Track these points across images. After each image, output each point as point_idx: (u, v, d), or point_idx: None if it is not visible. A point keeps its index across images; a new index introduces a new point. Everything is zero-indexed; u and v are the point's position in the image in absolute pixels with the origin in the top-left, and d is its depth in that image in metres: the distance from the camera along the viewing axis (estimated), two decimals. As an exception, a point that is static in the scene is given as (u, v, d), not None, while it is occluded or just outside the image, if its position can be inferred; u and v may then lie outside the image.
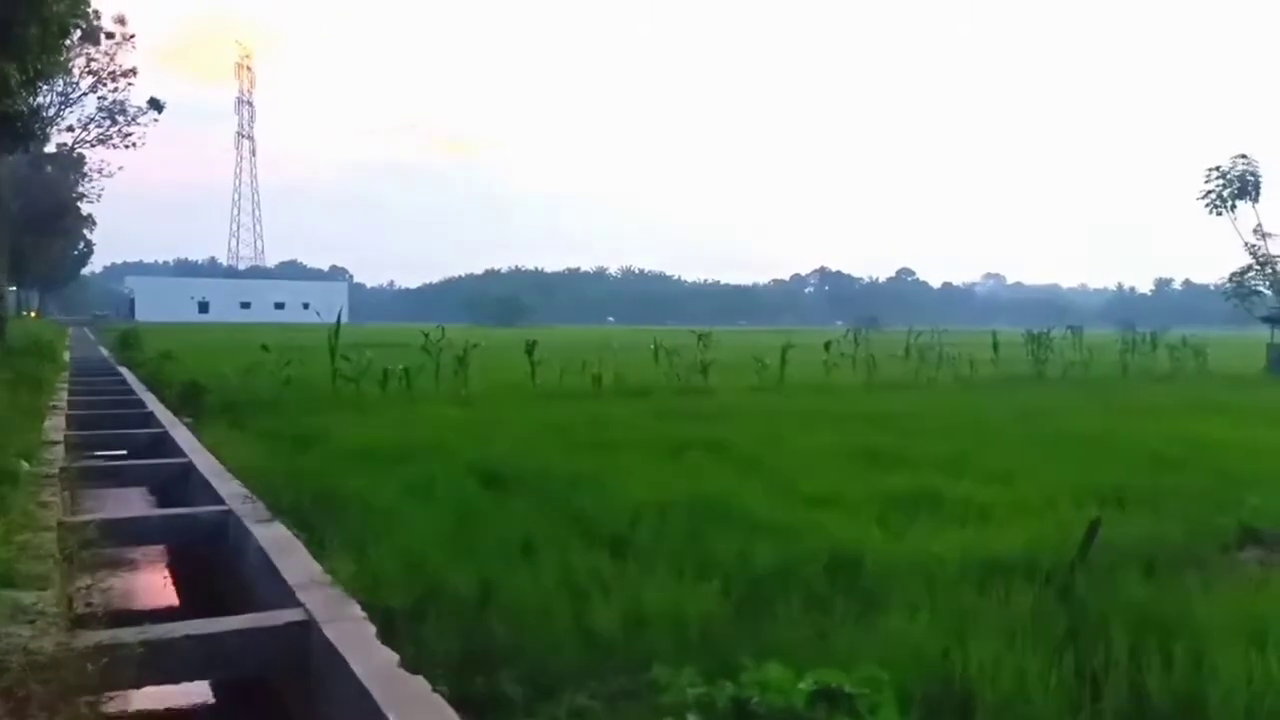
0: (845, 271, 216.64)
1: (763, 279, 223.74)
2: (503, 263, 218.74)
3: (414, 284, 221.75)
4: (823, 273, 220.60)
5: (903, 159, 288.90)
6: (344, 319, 23.80)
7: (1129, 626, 5.34)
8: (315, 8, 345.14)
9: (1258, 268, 36.15)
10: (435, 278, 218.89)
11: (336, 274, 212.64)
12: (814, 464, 11.74)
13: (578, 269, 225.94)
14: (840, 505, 9.26)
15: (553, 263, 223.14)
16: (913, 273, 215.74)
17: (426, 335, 23.48)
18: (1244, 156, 36.25)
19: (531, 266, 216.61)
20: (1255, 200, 35.85)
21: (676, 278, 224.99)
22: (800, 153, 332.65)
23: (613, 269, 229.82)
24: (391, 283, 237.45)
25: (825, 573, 6.79)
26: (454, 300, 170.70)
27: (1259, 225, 35.92)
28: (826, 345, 28.61)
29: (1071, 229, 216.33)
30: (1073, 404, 20.50)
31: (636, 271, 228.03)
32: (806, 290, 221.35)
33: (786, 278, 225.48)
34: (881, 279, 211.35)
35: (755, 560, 7.00)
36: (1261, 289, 36.36)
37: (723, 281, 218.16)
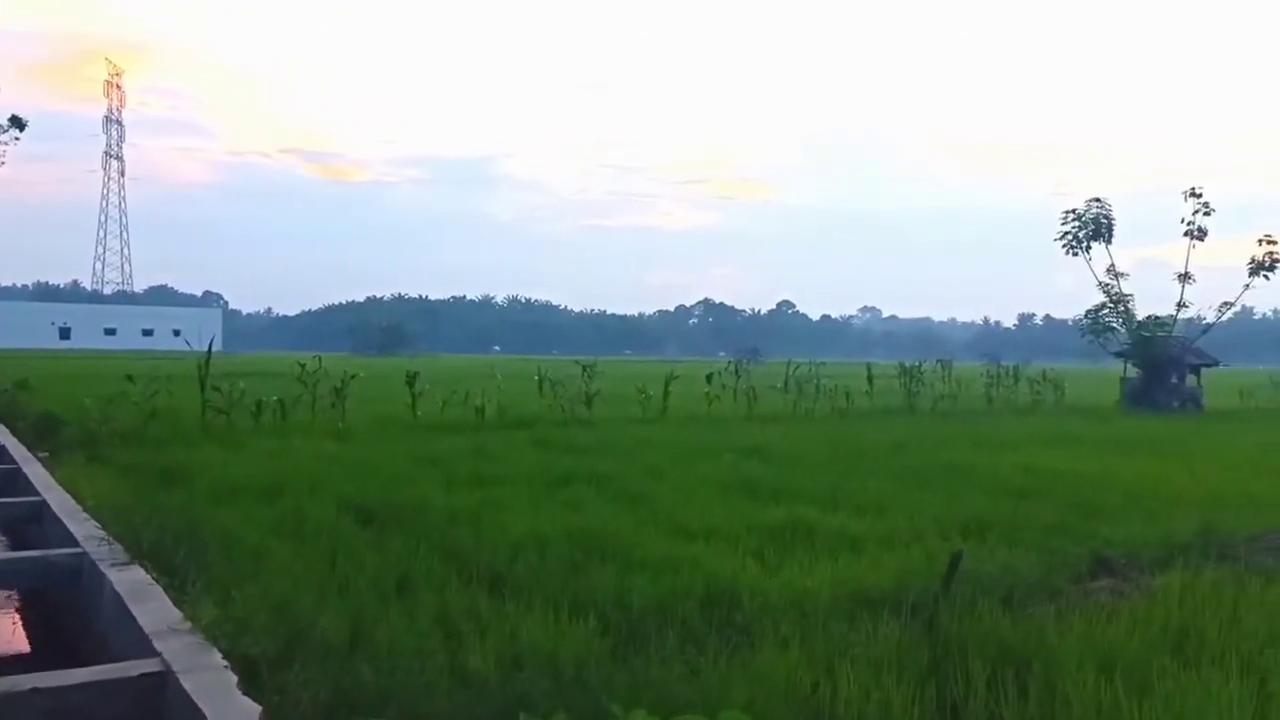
0: (728, 303, 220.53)
1: (648, 309, 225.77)
2: (385, 290, 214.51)
3: (293, 311, 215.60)
4: (706, 304, 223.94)
5: (783, 194, 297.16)
6: (217, 347, 22.95)
7: (988, 657, 5.56)
8: (192, 26, 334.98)
9: (1111, 305, 38.28)
10: (315, 305, 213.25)
11: (210, 300, 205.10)
12: (693, 497, 11.86)
13: (463, 297, 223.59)
14: (718, 539, 9.38)
15: (437, 291, 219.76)
16: (793, 305, 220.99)
17: (303, 366, 22.84)
18: (1098, 200, 38.50)
19: (415, 294, 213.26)
20: (1108, 242, 38.05)
21: (563, 307, 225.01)
22: (683, 186, 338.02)
23: (499, 297, 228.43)
24: (269, 310, 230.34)
25: (701, 608, 6.87)
26: (335, 328, 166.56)
27: (1112, 265, 38.13)
28: (708, 377, 28.98)
29: (942, 266, 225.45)
30: (941, 436, 21.26)
31: (523, 300, 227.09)
32: (691, 321, 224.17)
33: (671, 309, 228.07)
34: (763, 311, 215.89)
35: (633, 596, 7.03)
36: (1115, 326, 38.49)
37: (609, 311, 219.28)
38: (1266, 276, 37.02)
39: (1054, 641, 5.78)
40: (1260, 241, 37.34)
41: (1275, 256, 36.85)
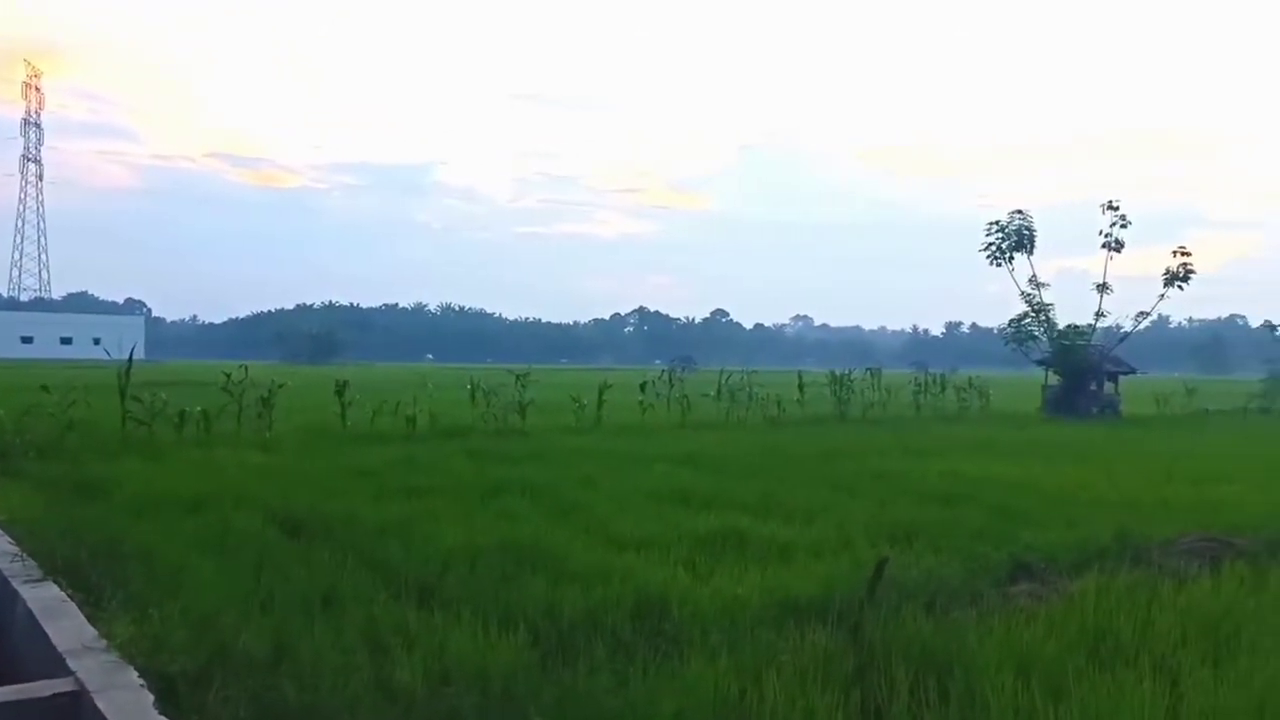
0: (663, 312, 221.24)
1: (584, 318, 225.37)
2: (315, 298, 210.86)
3: (219, 319, 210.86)
4: (642, 312, 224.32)
5: (718, 204, 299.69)
6: (139, 356, 22.31)
7: (912, 663, 5.67)
8: (117, 28, 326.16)
9: (1033, 314, 39.32)
10: (242, 313, 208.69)
11: (132, 308, 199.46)
12: (626, 506, 11.88)
13: (396, 305, 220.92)
14: (650, 548, 9.41)
15: (369, 298, 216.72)
16: (727, 314, 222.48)
17: (228, 375, 22.35)
18: (1020, 212, 39.56)
19: (346, 302, 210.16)
20: (1030, 252, 39.11)
21: (498, 315, 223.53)
22: (619, 195, 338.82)
23: (432, 305, 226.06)
24: (194, 317, 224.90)
25: (632, 618, 6.88)
26: (263, 336, 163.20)
27: (1033, 275, 39.18)
28: (642, 386, 29.05)
29: (873, 275, 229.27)
30: (871, 443, 21.59)
31: (456, 308, 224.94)
32: (626, 329, 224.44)
33: (607, 317, 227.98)
34: (698, 319, 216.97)
35: (563, 607, 7.01)
36: (1037, 334, 39.53)
37: (544, 319, 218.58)
38: (1180, 287, 38.35)
39: (974, 646, 5.91)
40: (1174, 253, 38.71)
41: (1188, 267, 38.21)
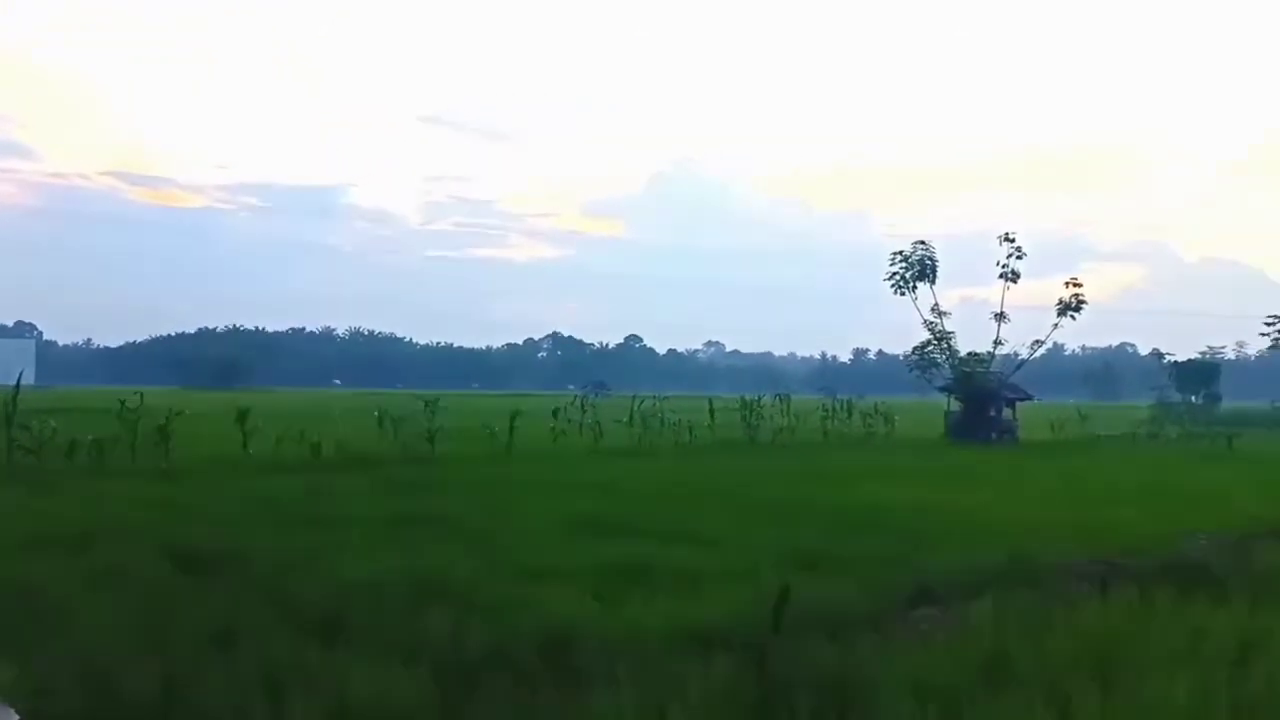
0: (577, 337, 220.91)
1: (496, 342, 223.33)
2: (218, 321, 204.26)
3: (115, 342, 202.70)
4: (555, 337, 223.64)
5: (631, 230, 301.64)
6: (27, 380, 21.42)
7: (814, 690, 5.75)
8: (13, 45, 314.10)
9: (935, 342, 40.51)
10: (140, 336, 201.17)
11: (22, 330, 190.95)
12: (536, 536, 11.82)
13: (303, 329, 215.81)
14: (559, 578, 9.36)
15: (275, 322, 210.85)
16: (640, 339, 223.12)
17: (123, 403, 21.58)
18: (923, 243, 40.81)
19: (252, 326, 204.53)
20: (933, 282, 40.35)
21: (408, 340, 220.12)
22: (532, 219, 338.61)
23: (341, 330, 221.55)
24: (89, 341, 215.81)
25: (538, 650, 6.83)
26: (163, 361, 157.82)
27: (936, 304, 40.40)
28: (555, 412, 28.98)
29: (783, 302, 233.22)
30: (780, 469, 21.90)
31: (366, 333, 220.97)
32: (540, 354, 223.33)
33: (520, 342, 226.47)
34: (611, 345, 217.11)
35: (469, 640, 6.93)
36: (939, 361, 40.69)
37: (456, 344, 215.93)
38: (1073, 316, 39.97)
39: (874, 672, 6.03)
40: (1067, 284, 40.34)
41: (1080, 298, 39.85)
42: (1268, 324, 79.35)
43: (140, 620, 7.40)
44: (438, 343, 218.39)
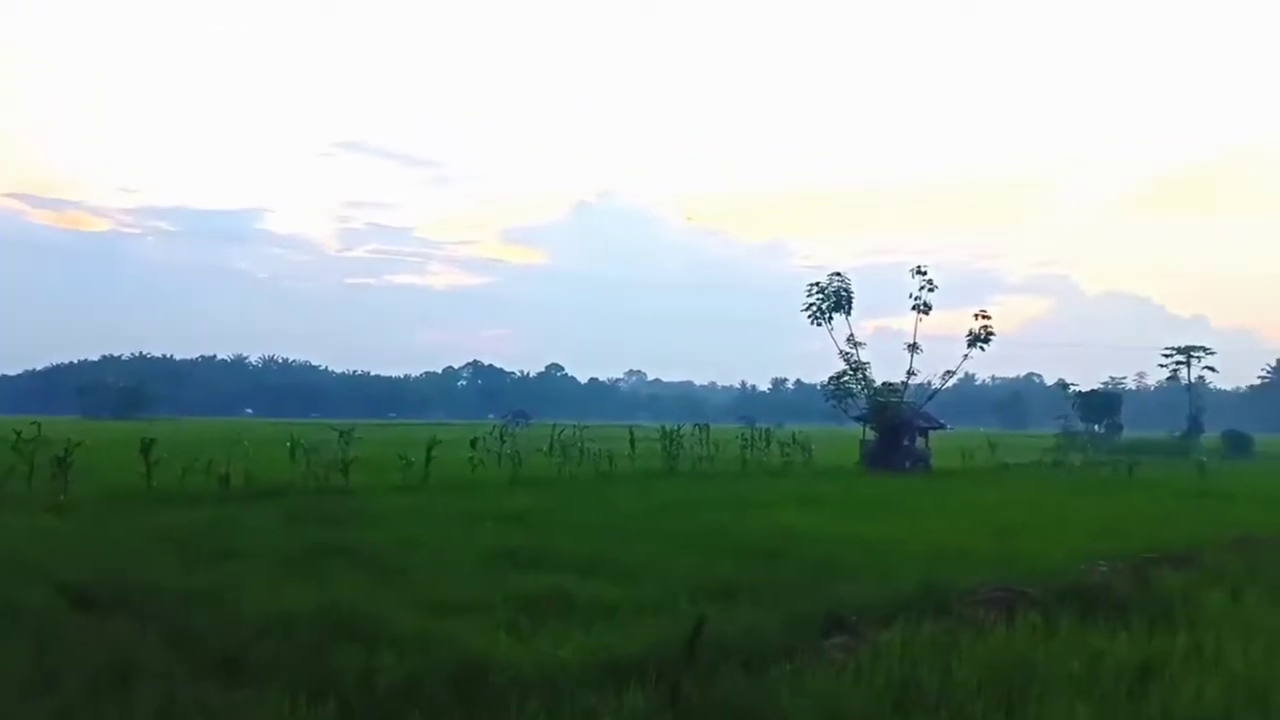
0: (498, 365, 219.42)
1: (415, 371, 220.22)
2: (123, 349, 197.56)
3: (13, 370, 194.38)
4: (475, 366, 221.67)
5: (553, 258, 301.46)
6: (-87, 412, 20.42)
7: (727, 720, 5.77)
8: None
9: (851, 372, 41.27)
10: (40, 364, 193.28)
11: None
12: (451, 568, 11.66)
13: (213, 357, 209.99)
14: (473, 611, 9.25)
15: (184, 350, 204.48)
16: (562, 368, 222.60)
17: (18, 433, 20.71)
18: (838, 275, 41.62)
19: (159, 354, 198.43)
20: (848, 313, 41.16)
21: (324, 368, 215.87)
22: (452, 247, 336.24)
23: (253, 358, 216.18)
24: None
25: (451, 685, 6.72)
26: (64, 389, 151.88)
27: (851, 335, 41.19)
28: (473, 442, 28.67)
29: (703, 332, 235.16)
30: (699, 498, 21.99)
31: (280, 361, 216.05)
32: (459, 383, 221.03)
33: (439, 370, 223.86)
34: (532, 373, 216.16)
35: (379, 676, 6.79)
36: (855, 391, 41.44)
37: (373, 373, 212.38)
38: (982, 347, 41.09)
39: (787, 701, 6.07)
40: (976, 316, 41.49)
41: (989, 330, 41.03)
42: (1166, 355, 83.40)
43: (31, 660, 7.08)
44: (355, 371, 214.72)
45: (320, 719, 5.90)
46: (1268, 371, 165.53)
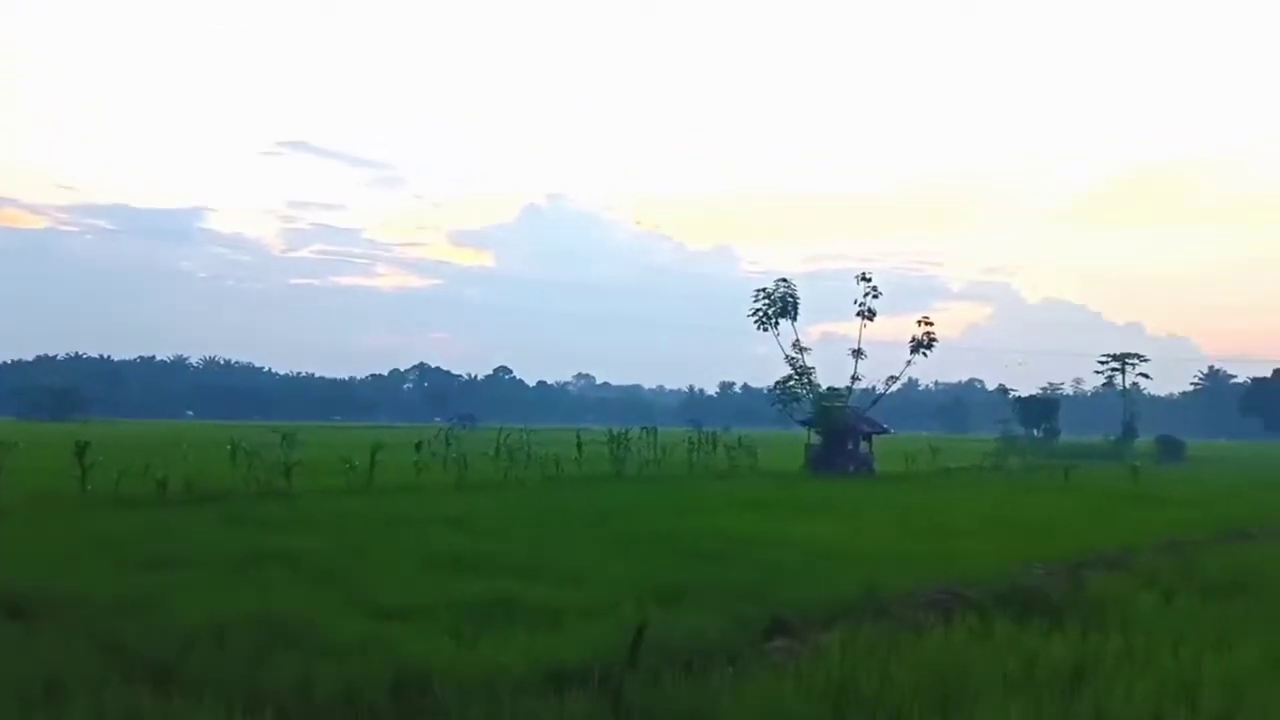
0: (444, 368, 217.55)
1: (360, 373, 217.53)
2: (59, 349, 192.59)
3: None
4: (422, 368, 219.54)
5: (501, 261, 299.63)
6: None
7: (668, 725, 5.79)
8: None
9: (796, 377, 41.69)
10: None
11: None
12: (394, 573, 11.54)
13: (153, 358, 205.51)
14: (416, 617, 9.19)
15: (122, 351, 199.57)
16: (510, 371, 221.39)
17: (-54, 435, 20.09)
18: (785, 281, 42.12)
19: (96, 354, 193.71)
20: (794, 319, 41.58)
21: (267, 370, 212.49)
22: (399, 249, 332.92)
23: (194, 359, 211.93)
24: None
25: (391, 693, 6.66)
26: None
27: (797, 340, 41.62)
28: (418, 446, 28.42)
29: (651, 335, 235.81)
30: (645, 501, 22.01)
31: (222, 362, 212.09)
32: (406, 386, 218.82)
33: (385, 373, 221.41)
34: (480, 376, 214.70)
35: (317, 684, 6.70)
36: (800, 396, 41.85)
37: (318, 375, 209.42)
38: (925, 353, 41.80)
39: (728, 704, 6.11)
40: (919, 322, 42.18)
41: (931, 336, 41.71)
42: (1101, 362, 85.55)
43: (-46, 672, 6.88)
44: (299, 373, 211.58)
45: (256, 728, 5.80)
46: (1200, 378, 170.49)
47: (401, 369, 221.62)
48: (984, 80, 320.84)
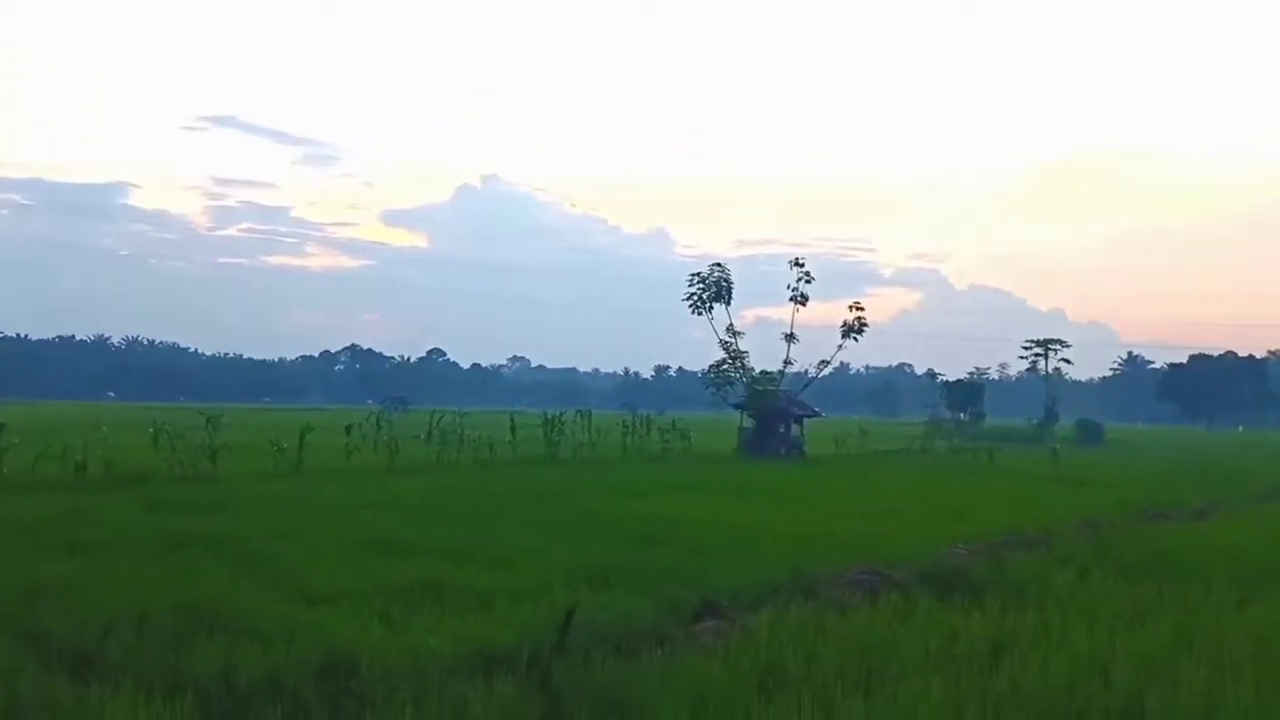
0: (377, 350, 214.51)
1: (290, 355, 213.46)
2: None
3: None
4: (354, 350, 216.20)
5: (435, 242, 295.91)
6: None
7: (597, 706, 5.82)
8: None
9: (730, 361, 42.04)
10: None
11: None
12: (322, 557, 11.39)
13: (72, 337, 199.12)
14: (344, 601, 9.09)
15: (39, 330, 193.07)
16: (444, 353, 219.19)
17: None
18: (719, 265, 42.43)
19: (12, 333, 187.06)
20: (728, 303, 41.88)
21: (193, 350, 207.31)
22: (331, 228, 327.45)
23: (116, 339, 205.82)
24: None
25: (317, 678, 6.59)
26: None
27: (731, 324, 41.94)
28: (348, 429, 28.04)
29: (587, 318, 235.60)
30: (579, 484, 22.03)
31: (145, 342, 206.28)
32: (337, 368, 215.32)
33: (316, 354, 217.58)
34: (413, 358, 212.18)
35: (240, 670, 6.60)
36: (734, 379, 42.21)
37: (246, 356, 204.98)
38: (855, 338, 42.44)
39: (656, 686, 6.16)
40: (850, 308, 42.77)
41: (862, 321, 42.36)
42: (1025, 348, 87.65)
43: None
44: (226, 354, 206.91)
45: (177, 716, 5.70)
46: (1118, 364, 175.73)
47: (332, 350, 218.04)
48: (916, 69, 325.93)
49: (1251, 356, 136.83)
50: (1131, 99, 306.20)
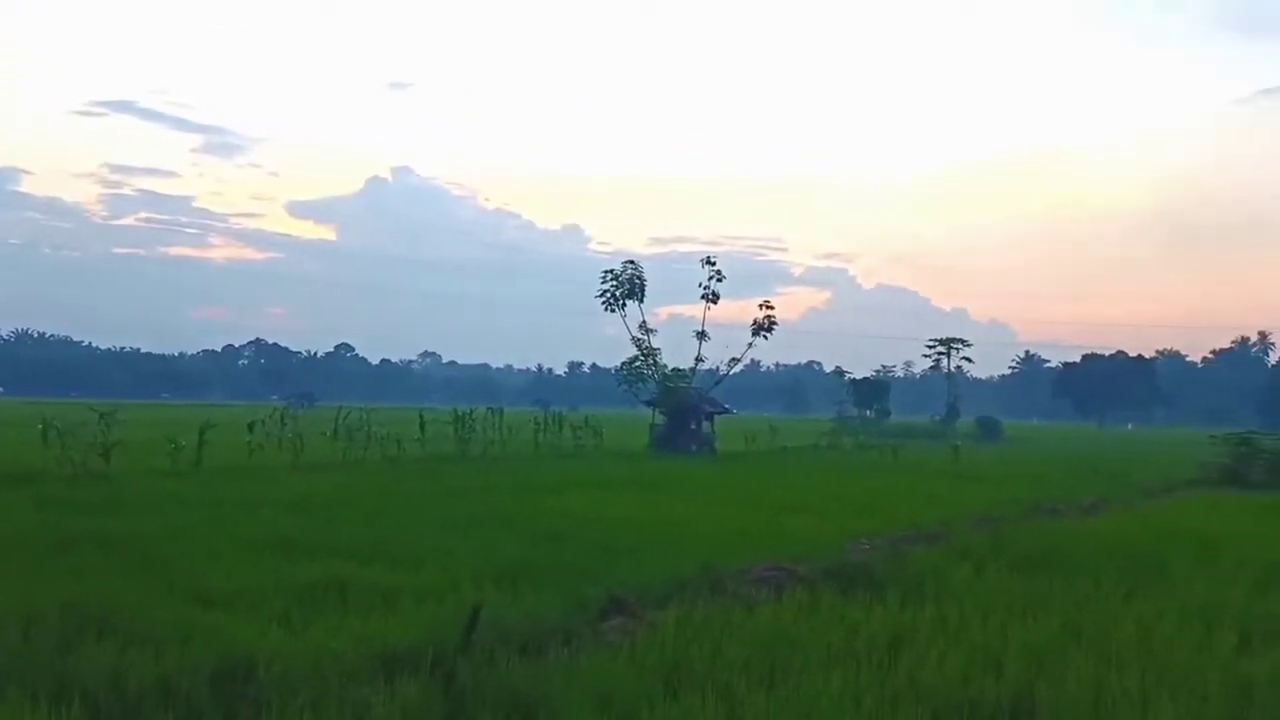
0: (282, 344, 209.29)
1: (191, 349, 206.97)
2: None
3: None
4: (258, 345, 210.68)
5: (343, 236, 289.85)
6: None
7: (501, 706, 5.79)
8: None
9: (643, 358, 42.27)
10: None
11: None
12: (220, 558, 11.08)
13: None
14: (242, 602, 8.86)
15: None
16: (352, 348, 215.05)
17: None
18: (632, 263, 42.66)
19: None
20: (641, 300, 42.11)
21: (86, 344, 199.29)
22: (235, 220, 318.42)
23: (3, 331, 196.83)
24: None
25: (212, 682, 6.41)
26: None
27: (644, 321, 42.17)
28: (250, 426, 27.30)
29: (500, 315, 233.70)
30: (488, 482, 21.84)
31: (34, 335, 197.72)
32: (240, 362, 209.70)
33: (218, 349, 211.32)
34: (320, 353, 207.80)
35: (131, 675, 6.38)
36: (646, 376, 42.46)
37: (143, 350, 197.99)
38: (765, 336, 43.07)
39: (560, 685, 6.16)
40: (761, 306, 43.42)
41: (772, 319, 43.01)
42: (929, 346, 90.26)
43: None
44: (122, 348, 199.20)
45: (61, 724, 5.48)
46: (1016, 363, 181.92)
47: (236, 345, 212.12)
48: (825, 70, 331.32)
49: (1141, 356, 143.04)
50: (1034, 104, 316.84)
